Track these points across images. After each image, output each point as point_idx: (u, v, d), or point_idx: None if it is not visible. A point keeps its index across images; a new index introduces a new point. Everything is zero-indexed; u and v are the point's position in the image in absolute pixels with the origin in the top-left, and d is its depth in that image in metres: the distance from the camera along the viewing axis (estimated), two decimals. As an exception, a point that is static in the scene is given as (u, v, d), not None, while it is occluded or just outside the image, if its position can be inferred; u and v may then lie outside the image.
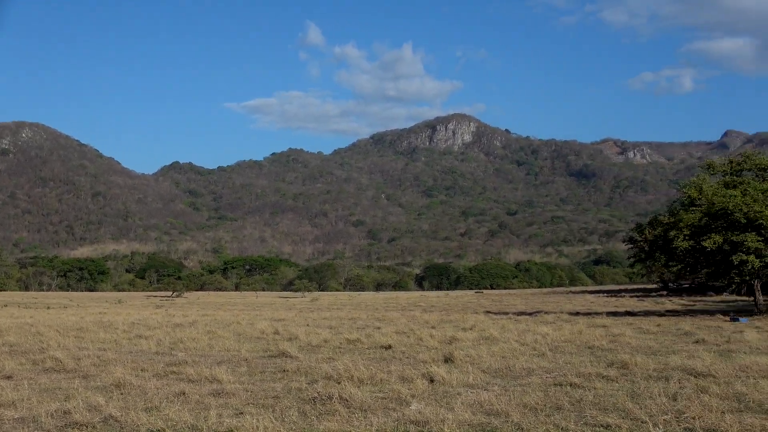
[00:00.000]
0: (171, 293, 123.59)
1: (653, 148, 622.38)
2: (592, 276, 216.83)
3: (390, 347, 22.87)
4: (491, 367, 17.53)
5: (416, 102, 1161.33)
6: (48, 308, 67.51)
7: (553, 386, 14.54)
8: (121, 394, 14.37)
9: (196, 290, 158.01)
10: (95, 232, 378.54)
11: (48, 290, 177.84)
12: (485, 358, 19.25)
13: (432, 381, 15.18)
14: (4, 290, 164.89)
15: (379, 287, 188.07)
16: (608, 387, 14.32)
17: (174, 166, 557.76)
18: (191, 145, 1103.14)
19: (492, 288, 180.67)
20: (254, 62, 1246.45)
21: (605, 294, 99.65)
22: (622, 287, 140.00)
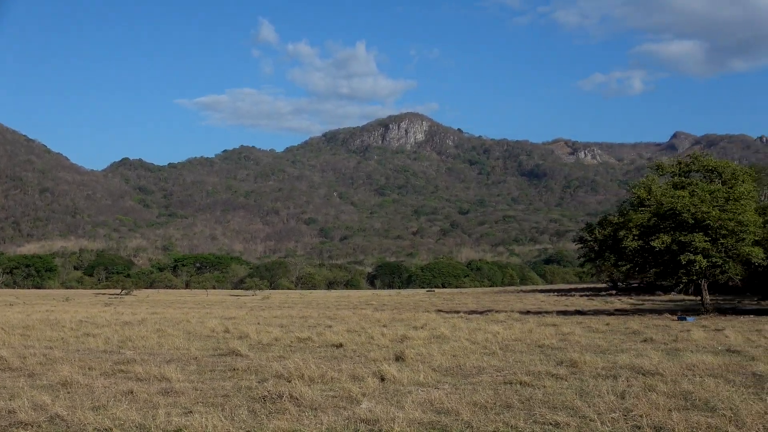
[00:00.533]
0: (120, 291, 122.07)
1: (603, 149, 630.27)
2: (543, 275, 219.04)
3: (341, 346, 22.85)
4: (442, 366, 17.58)
5: (369, 100, 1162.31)
6: (-7, 306, 66.36)
7: (503, 385, 14.62)
8: (68, 393, 14.15)
9: (146, 288, 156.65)
10: (43, 229, 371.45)
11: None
12: (436, 357, 19.30)
13: (383, 379, 15.17)
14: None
15: (331, 286, 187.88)
16: (558, 385, 14.42)
17: (124, 163, 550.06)
18: (141, 142, 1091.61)
19: (443, 287, 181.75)
20: (206, 58, 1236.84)
21: (555, 293, 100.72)
22: (572, 286, 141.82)
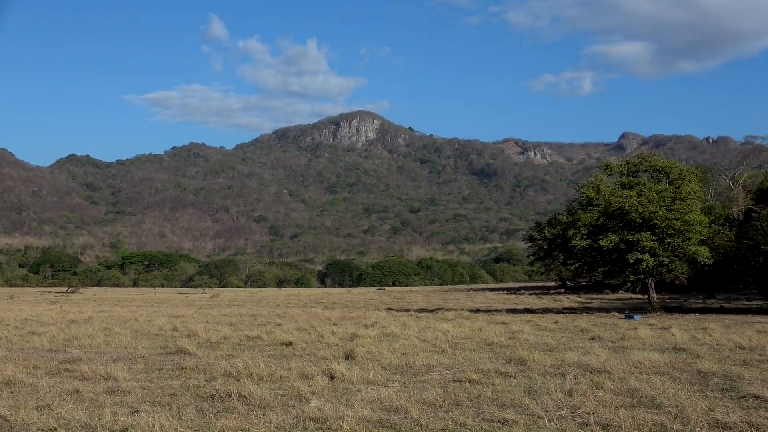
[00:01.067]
0: (66, 289, 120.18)
1: (553, 149, 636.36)
2: (493, 273, 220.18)
3: (291, 344, 22.79)
4: (392, 364, 17.60)
5: (320, 98, 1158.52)
6: (-66, 304, 65.01)
7: (453, 382, 14.70)
8: (12, 393, 13.93)
9: (93, 286, 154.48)
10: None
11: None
12: (386, 355, 19.33)
13: (332, 378, 15.16)
14: None
15: (281, 284, 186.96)
16: (506, 383, 14.53)
17: (71, 159, 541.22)
18: (89, 138, 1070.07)
19: (394, 285, 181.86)
20: (155, 54, 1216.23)
21: (505, 291, 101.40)
22: (522, 285, 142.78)
